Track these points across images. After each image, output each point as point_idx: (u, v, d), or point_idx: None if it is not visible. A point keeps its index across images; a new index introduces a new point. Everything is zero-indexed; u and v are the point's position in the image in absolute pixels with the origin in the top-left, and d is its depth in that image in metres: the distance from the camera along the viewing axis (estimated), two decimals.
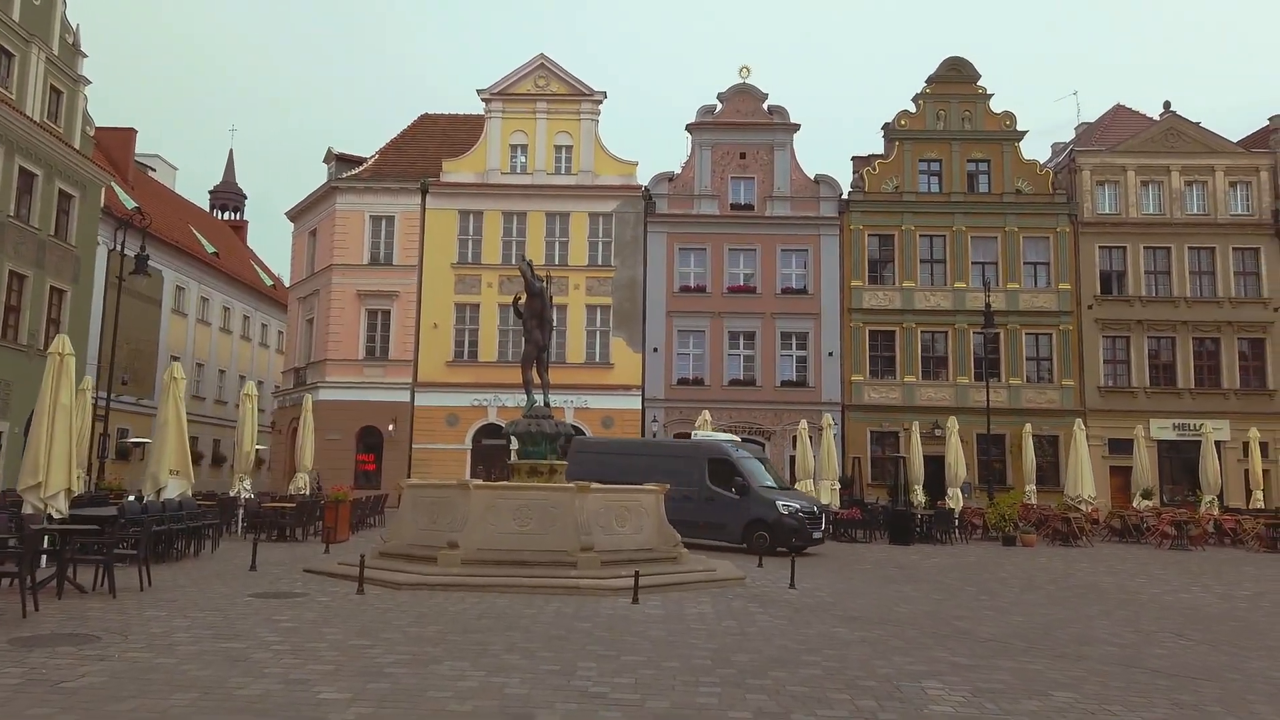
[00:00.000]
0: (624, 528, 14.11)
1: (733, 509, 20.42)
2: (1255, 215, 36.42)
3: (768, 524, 19.99)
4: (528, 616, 10.46)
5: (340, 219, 36.51)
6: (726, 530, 20.36)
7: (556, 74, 37.02)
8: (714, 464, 21.14)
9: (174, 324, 44.23)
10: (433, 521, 13.94)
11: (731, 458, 21.30)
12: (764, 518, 20.08)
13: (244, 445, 20.39)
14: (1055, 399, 35.73)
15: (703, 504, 20.50)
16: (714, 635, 9.71)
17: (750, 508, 20.27)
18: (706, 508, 20.47)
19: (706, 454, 21.41)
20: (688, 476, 20.71)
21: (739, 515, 20.32)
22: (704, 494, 20.70)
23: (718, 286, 36.00)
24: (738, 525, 20.29)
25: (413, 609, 10.75)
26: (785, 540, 19.68)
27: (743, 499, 20.43)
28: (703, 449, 21.81)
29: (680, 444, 23.01)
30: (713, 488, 20.78)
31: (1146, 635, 10.85)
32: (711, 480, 20.91)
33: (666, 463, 21.08)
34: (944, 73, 37.70)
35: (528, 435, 15.57)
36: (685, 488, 20.27)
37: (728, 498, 20.58)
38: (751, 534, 20.02)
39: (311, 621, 9.73)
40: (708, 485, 20.83)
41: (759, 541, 19.70)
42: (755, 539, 19.82)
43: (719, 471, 21.02)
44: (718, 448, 21.76)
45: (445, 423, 34.96)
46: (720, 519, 20.44)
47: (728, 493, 20.63)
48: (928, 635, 10.21)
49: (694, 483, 20.72)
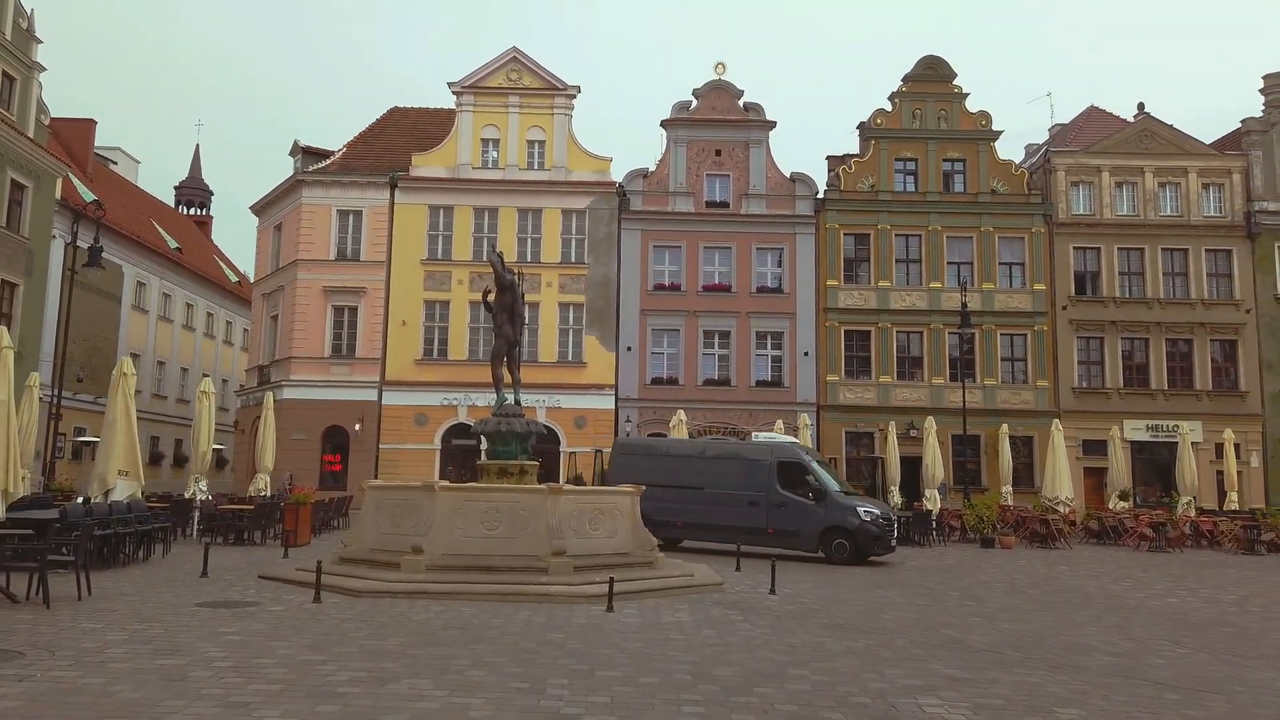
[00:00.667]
0: (598, 531, 13.51)
1: (807, 516, 19.09)
2: (1228, 217, 36.50)
3: (848, 531, 18.72)
4: (495, 627, 9.84)
5: (306, 213, 35.57)
6: (800, 538, 19.08)
7: (529, 67, 36.33)
8: (784, 467, 19.75)
9: (134, 320, 43.02)
10: (396, 525, 13.25)
11: (804, 460, 20.01)
12: (844, 525, 18.79)
13: (200, 445, 19.53)
14: (1030, 400, 35.57)
15: (772, 510, 19.27)
16: (694, 646, 9.15)
17: (828, 514, 18.97)
18: (777, 514, 19.23)
19: (776, 456, 19.93)
20: (753, 480, 19.58)
21: (815, 522, 19.00)
22: (774, 499, 19.36)
23: (692, 285, 35.49)
24: (813, 533, 18.97)
25: (372, 619, 10.08)
26: (868, 549, 18.64)
27: (819, 505, 19.12)
28: (771, 450, 20.25)
29: (744, 445, 21.43)
30: (783, 492, 19.40)
31: (1141, 643, 10.43)
32: (781, 485, 19.55)
33: (728, 465, 19.97)
34: (920, 72, 37.46)
35: (497, 434, 14.90)
36: (750, 492, 19.36)
37: (801, 503, 19.23)
38: (830, 542, 18.78)
39: (261, 634, 9.04)
40: (778, 490, 19.45)
41: (838, 551, 18.61)
42: (834, 548, 18.67)
43: (789, 475, 19.65)
44: (788, 449, 20.41)
45: (414, 422, 34.15)
46: (793, 526, 19.12)
47: (802, 498, 19.29)
48: (917, 645, 9.71)
49: (761, 487, 19.50)
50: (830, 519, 18.97)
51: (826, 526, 18.94)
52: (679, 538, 20.23)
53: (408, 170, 35.68)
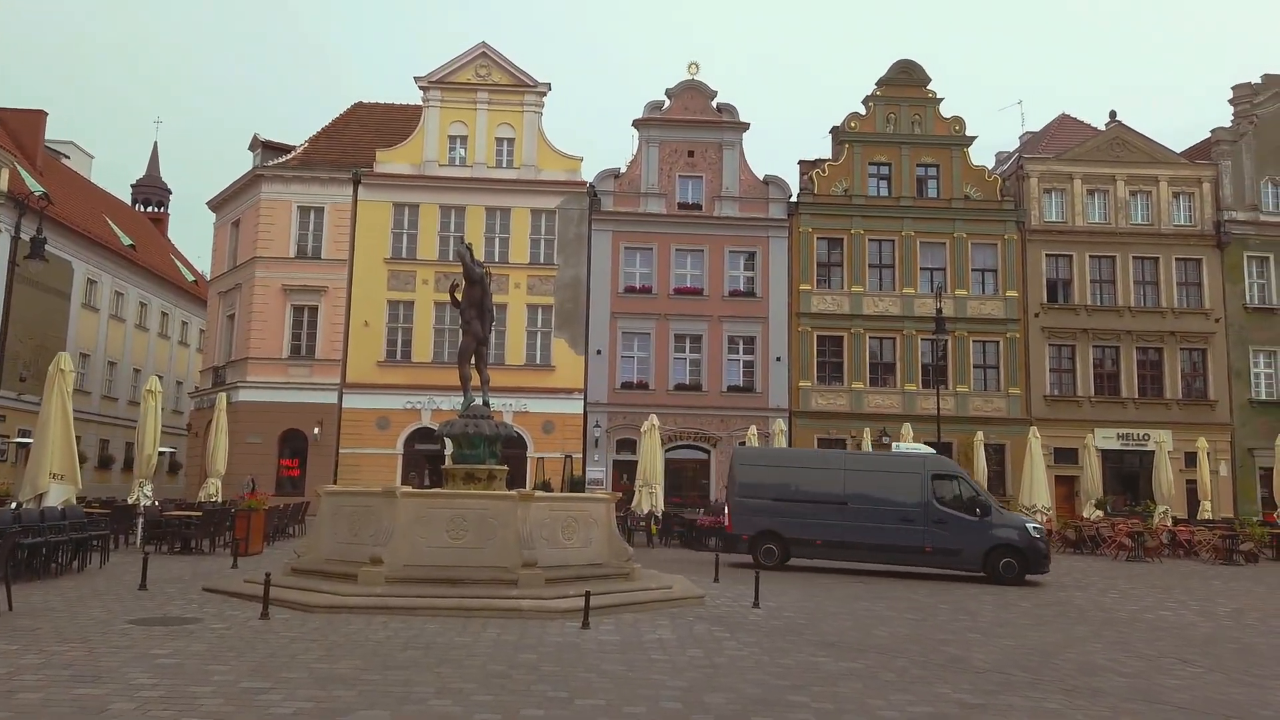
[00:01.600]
0: (571, 540, 12.68)
1: (970, 532, 17.91)
2: (1198, 227, 36.55)
3: (1018, 549, 17.65)
4: (461, 646, 8.98)
5: (265, 209, 34.34)
6: (962, 557, 17.97)
7: (499, 63, 35.45)
8: (939, 481, 18.61)
9: (84, 319, 41.42)
10: (354, 534, 12.32)
11: (961, 473, 19.05)
12: (1012, 542, 17.71)
13: (145, 448, 18.39)
14: (1002, 407, 35.29)
15: (930, 527, 18.06)
16: (679, 668, 8.36)
17: (994, 530, 17.86)
18: (935, 531, 18.03)
19: (931, 469, 18.72)
20: (906, 495, 18.37)
21: (979, 540, 17.83)
22: (931, 515, 18.14)
23: (664, 288, 34.77)
24: (977, 551, 17.82)
25: (325, 638, 9.17)
26: (1037, 566, 17.64)
27: (982, 521, 18.00)
28: (925, 462, 19.02)
29: (892, 457, 20.03)
30: (942, 508, 18.22)
31: (1150, 662, 9.84)
32: (937, 499, 18.41)
33: (875, 478, 18.71)
34: (894, 75, 37.14)
35: (464, 437, 14.01)
36: (903, 508, 18.17)
37: (963, 519, 18.04)
38: (996, 561, 17.67)
39: (199, 656, 8.11)
40: (935, 505, 18.26)
41: (1006, 570, 17.52)
42: (1002, 567, 17.58)
43: (945, 489, 18.57)
44: (942, 462, 19.42)
45: (375, 426, 33.03)
46: (954, 544, 17.96)
47: (964, 514, 18.13)
48: (919, 665, 9.01)
49: (915, 502, 18.27)
50: (996, 536, 17.85)
51: (994, 544, 17.77)
52: (816, 557, 18.90)
53: (372, 166, 34.61)
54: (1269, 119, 37.17)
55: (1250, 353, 35.86)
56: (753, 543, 18.80)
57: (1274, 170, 36.90)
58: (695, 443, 34.04)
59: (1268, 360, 36.02)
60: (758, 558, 18.62)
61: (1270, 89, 37.35)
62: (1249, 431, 35.30)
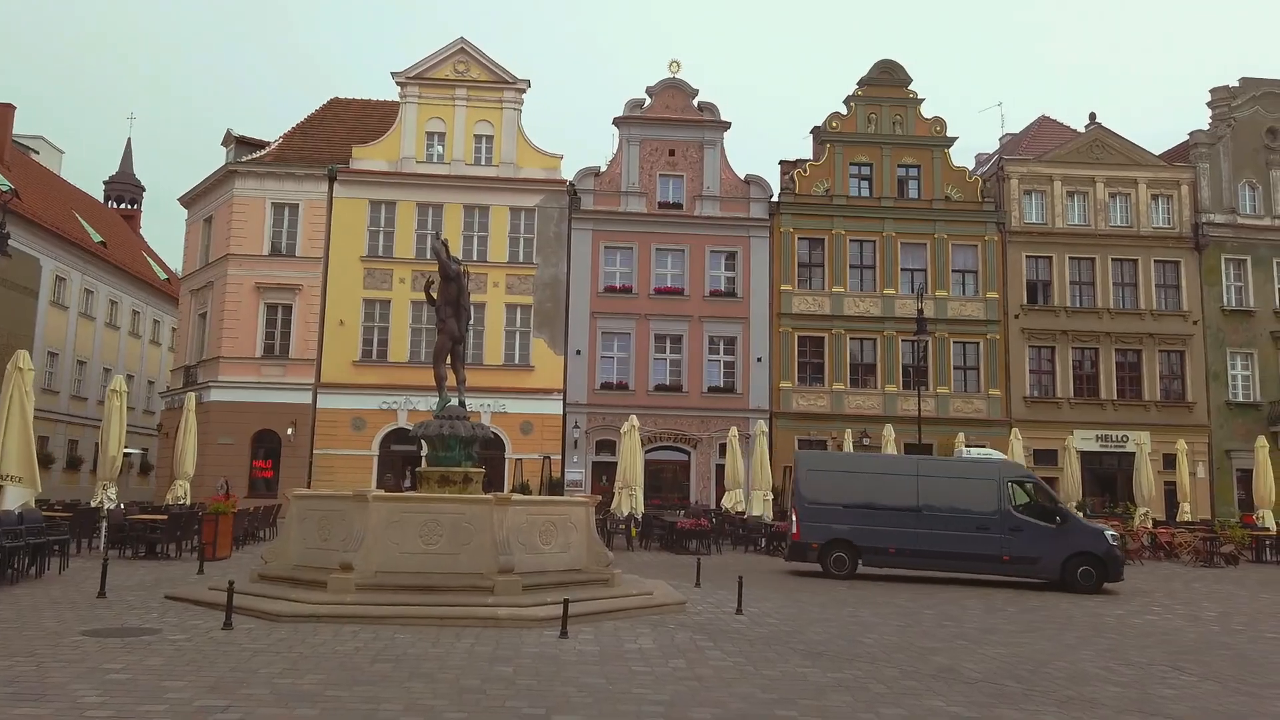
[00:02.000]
0: (549, 545, 12.29)
1: (1048, 541, 17.58)
2: (1176, 229, 36.67)
3: (1097, 557, 17.34)
4: (434, 658, 8.59)
5: (239, 205, 33.68)
6: (1039, 565, 17.65)
7: (477, 59, 34.97)
8: (1014, 487, 18.35)
9: (53, 317, 40.60)
10: (323, 539, 11.88)
11: (1036, 480, 18.79)
12: (1091, 550, 17.38)
13: (110, 449, 17.81)
14: (982, 408, 35.23)
15: (1006, 535, 17.65)
16: (662, 680, 8.02)
17: (1073, 539, 17.55)
18: (1012, 540, 17.64)
19: (1006, 475, 18.44)
20: (982, 502, 17.94)
21: (1058, 547, 17.51)
22: (1007, 523, 17.74)
23: (644, 287, 34.44)
24: (1056, 559, 17.47)
25: (290, 650, 8.75)
26: (1115, 574, 17.35)
27: (1060, 528, 17.70)
28: (1000, 468, 18.80)
29: (967, 464, 19.57)
30: (1019, 515, 17.86)
31: (1142, 670, 9.60)
32: (1013, 506, 18.08)
33: (950, 485, 18.20)
34: (876, 76, 37.01)
35: (439, 438, 13.58)
36: (978, 515, 17.75)
37: (1040, 527, 17.71)
38: (1075, 569, 17.33)
39: (154, 671, 7.67)
40: (1012, 513, 17.88)
41: (1084, 578, 17.22)
42: (1080, 575, 17.27)
43: (1021, 496, 18.30)
44: (1017, 468, 19.11)
45: (350, 427, 32.47)
46: (1031, 553, 17.61)
47: (1042, 522, 17.79)
48: (908, 675, 8.72)
49: (991, 509, 17.87)
50: (1075, 544, 17.50)
51: (1072, 552, 17.44)
52: (888, 566, 18.45)
53: (348, 163, 34.04)
54: (1246, 122, 37.37)
55: (1228, 355, 36.01)
56: (822, 551, 18.22)
57: (1251, 173, 37.10)
58: (675, 444, 33.74)
59: (1245, 362, 36.19)
60: (828, 567, 18.12)
61: (1247, 92, 37.55)
62: (1226, 433, 35.45)
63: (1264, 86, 37.75)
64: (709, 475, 33.51)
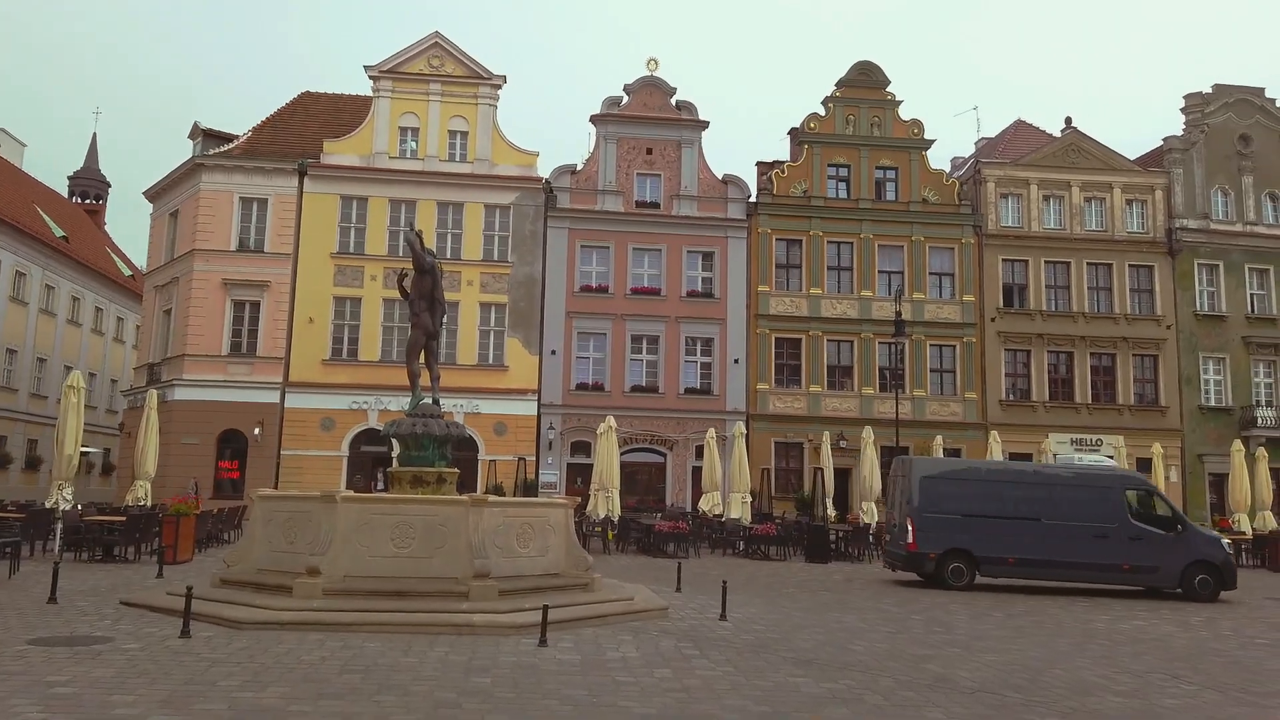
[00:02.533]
0: (527, 549, 11.82)
1: (1167, 549, 17.54)
2: (1150, 234, 36.82)
3: (1215, 566, 17.36)
4: (406, 669, 8.10)
5: (205, 200, 32.83)
6: (1159, 574, 17.58)
7: (452, 54, 34.38)
8: (1133, 495, 18.33)
9: (12, 313, 39.55)
10: (289, 542, 11.33)
11: (1155, 489, 18.75)
12: (1210, 559, 17.41)
13: (65, 447, 17.08)
14: (958, 411, 35.15)
15: (1126, 544, 17.57)
16: (649, 693, 7.59)
17: (1192, 547, 17.56)
18: (1132, 548, 17.55)
19: (1124, 484, 18.51)
20: (1101, 511, 17.81)
21: (1177, 556, 17.47)
22: (1127, 532, 17.65)
23: (621, 287, 34.00)
24: (1175, 568, 17.42)
25: (252, 660, 8.21)
26: (1231, 583, 17.38)
27: (1180, 536, 17.66)
28: (1120, 477, 18.91)
29: (1086, 472, 19.45)
30: (1138, 524, 17.78)
31: (1141, 678, 9.32)
32: (1132, 515, 17.97)
33: (1070, 494, 18.07)
34: (854, 77, 36.86)
35: (412, 437, 13.06)
36: (1098, 524, 17.60)
37: (1159, 536, 17.65)
38: (1193, 578, 17.31)
39: (103, 684, 7.12)
40: (1130, 521, 17.80)
41: (1202, 587, 17.18)
42: (1198, 584, 17.24)
43: (1139, 505, 18.24)
44: (1134, 477, 19.15)
45: (320, 427, 31.73)
46: (1151, 561, 17.54)
47: (1160, 530, 17.74)
48: (904, 686, 8.36)
49: (1111, 519, 17.74)
50: (1194, 552, 17.51)
51: (1191, 561, 17.40)
52: (1008, 576, 18.11)
53: (318, 157, 33.32)
54: (1219, 128, 37.62)
55: (1200, 359, 36.20)
56: (940, 561, 17.80)
57: (1224, 179, 37.35)
58: (651, 446, 33.33)
59: (1217, 367, 36.40)
60: (945, 577, 17.71)
61: (1220, 99, 37.81)
62: (1198, 438, 35.62)
63: (1236, 93, 38.05)
64: (685, 477, 33.14)
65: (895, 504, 19.35)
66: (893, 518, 19.45)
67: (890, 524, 19.74)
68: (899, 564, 18.51)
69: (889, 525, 20.06)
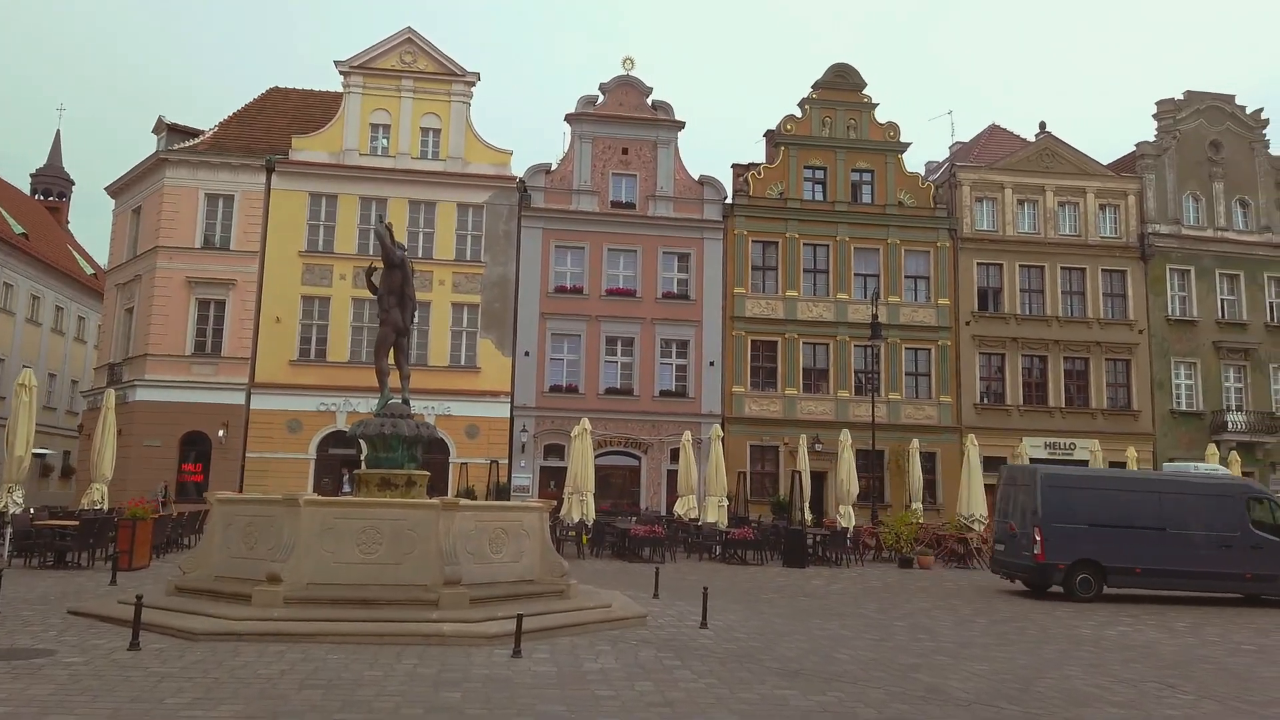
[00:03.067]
0: (500, 554, 11.36)
1: None
2: (1123, 239, 36.97)
3: None
4: (371, 682, 7.62)
5: (169, 195, 31.98)
6: (1278, 584, 17.70)
7: (425, 50, 33.79)
8: (1253, 505, 18.23)
9: None
10: (249, 547, 10.79)
11: (1273, 497, 18.68)
12: None
13: (16, 448, 16.36)
14: (933, 415, 35.04)
15: (1246, 552, 17.56)
16: (629, 707, 7.17)
17: None
18: (1252, 557, 17.55)
19: (1244, 493, 18.44)
20: (1223, 520, 17.80)
21: None
22: (1247, 540, 17.65)
23: (595, 288, 33.55)
24: None
25: (205, 674, 7.69)
26: None
27: None
28: (1240, 487, 18.87)
29: (1208, 481, 19.33)
30: (1259, 533, 17.75)
31: (1135, 688, 9.04)
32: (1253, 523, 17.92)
33: (1192, 502, 18.00)
34: (831, 79, 36.69)
35: (380, 438, 12.55)
36: (1221, 533, 17.55)
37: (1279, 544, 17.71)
38: None
39: (39, 702, 6.59)
40: (1251, 530, 17.76)
41: None
42: None
43: (1259, 513, 18.12)
44: (1252, 486, 19.09)
45: (286, 429, 30.98)
46: (1271, 570, 17.59)
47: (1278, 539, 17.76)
48: (896, 697, 8.00)
49: (1232, 527, 17.73)
50: None
51: None
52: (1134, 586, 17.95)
53: (287, 154, 32.59)
54: (1191, 135, 37.86)
55: (1172, 364, 36.35)
56: (1068, 572, 17.49)
57: (1195, 185, 37.58)
58: (625, 448, 32.89)
59: (1188, 372, 36.59)
60: (1073, 588, 17.41)
61: (1192, 105, 38.07)
62: (1170, 442, 35.74)
63: (1207, 100, 38.33)
64: (660, 481, 32.73)
65: (1012, 512, 18.79)
66: (1010, 526, 18.73)
67: (1006, 532, 18.93)
68: (1020, 575, 18.17)
69: (1001, 534, 19.29)
